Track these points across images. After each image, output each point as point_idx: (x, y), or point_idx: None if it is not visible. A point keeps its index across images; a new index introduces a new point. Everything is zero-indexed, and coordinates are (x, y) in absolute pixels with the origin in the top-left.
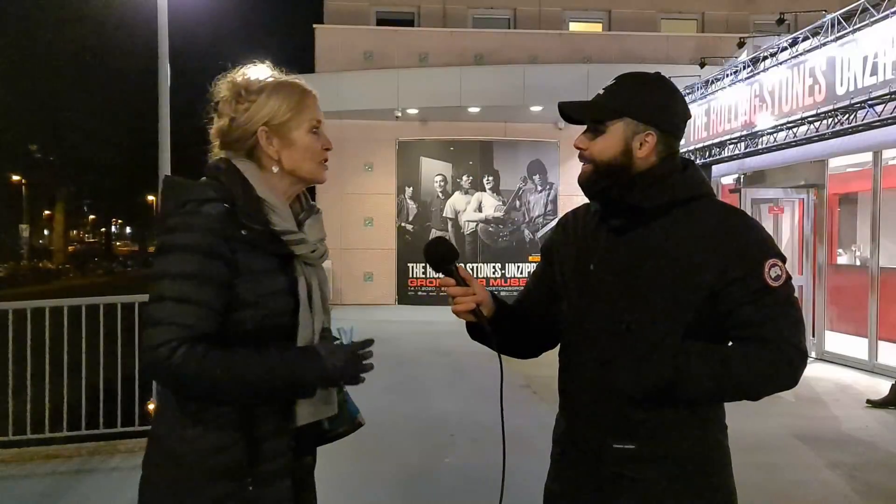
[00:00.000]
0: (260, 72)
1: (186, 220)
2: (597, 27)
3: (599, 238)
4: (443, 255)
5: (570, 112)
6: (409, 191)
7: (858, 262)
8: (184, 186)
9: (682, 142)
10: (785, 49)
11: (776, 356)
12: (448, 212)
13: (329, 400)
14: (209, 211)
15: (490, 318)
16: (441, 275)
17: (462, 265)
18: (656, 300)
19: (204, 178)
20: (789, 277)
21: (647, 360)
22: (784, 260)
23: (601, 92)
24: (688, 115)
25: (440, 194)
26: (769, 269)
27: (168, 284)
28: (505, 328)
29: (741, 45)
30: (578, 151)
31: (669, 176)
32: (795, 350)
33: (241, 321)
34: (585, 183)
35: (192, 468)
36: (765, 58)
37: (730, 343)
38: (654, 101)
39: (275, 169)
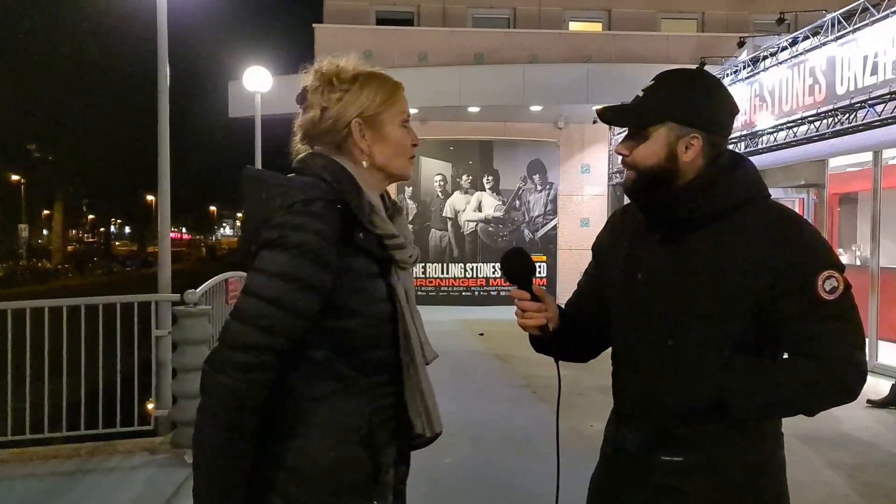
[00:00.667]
0: (349, 61)
1: (296, 219)
2: (597, 27)
3: (646, 246)
4: (523, 269)
5: (609, 119)
6: (408, 190)
7: (858, 262)
8: (286, 183)
9: None
10: (785, 49)
11: (828, 375)
12: (448, 211)
13: (437, 413)
14: (321, 212)
15: (555, 331)
16: (514, 286)
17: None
18: (702, 317)
19: (301, 174)
20: (848, 287)
21: (692, 381)
22: (842, 269)
23: (640, 93)
24: (735, 110)
25: (440, 194)
26: (823, 282)
27: (264, 282)
28: (565, 337)
29: (741, 44)
30: (621, 157)
31: (717, 181)
32: (849, 367)
33: (345, 329)
34: (630, 191)
35: (319, 486)
36: (765, 57)
37: (785, 355)
38: (697, 102)
39: (365, 164)
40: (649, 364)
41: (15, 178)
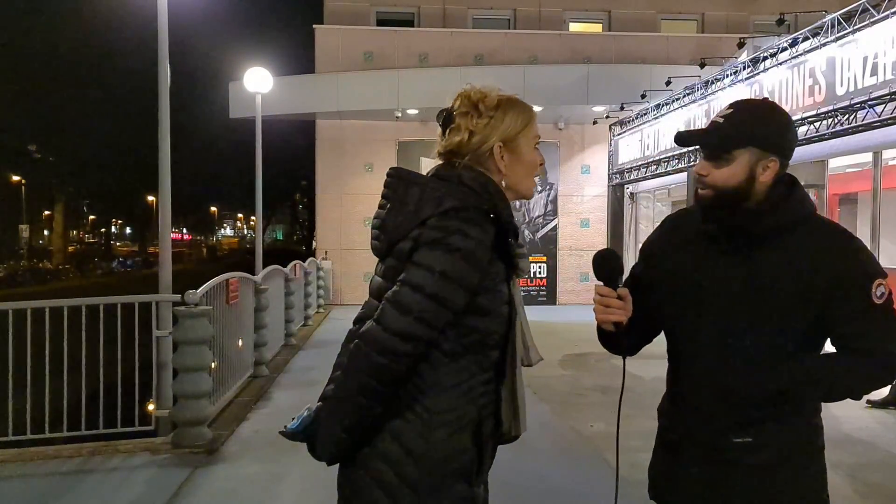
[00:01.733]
0: (490, 87)
1: (465, 226)
2: (597, 28)
3: (709, 255)
4: (612, 268)
5: (693, 142)
6: None
7: None
8: (441, 188)
9: None
10: (785, 49)
11: (879, 365)
12: None
13: (524, 412)
14: (477, 219)
15: (627, 329)
16: (601, 283)
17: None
18: (771, 319)
19: (449, 181)
20: (891, 293)
21: (763, 373)
22: (886, 276)
23: (719, 120)
24: (797, 140)
25: None
26: (876, 289)
27: (428, 279)
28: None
29: (741, 45)
30: (698, 177)
31: (786, 200)
32: (893, 357)
33: (477, 327)
34: (707, 207)
35: (434, 468)
36: (765, 58)
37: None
38: (776, 130)
39: (503, 183)
40: (724, 360)
41: (16, 178)
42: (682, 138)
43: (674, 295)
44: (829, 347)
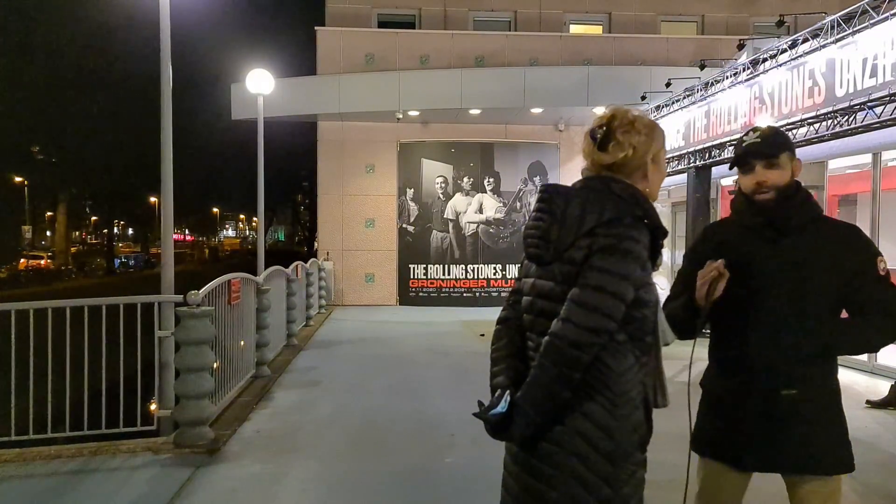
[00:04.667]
0: (624, 108)
1: (635, 233)
2: (597, 29)
3: (754, 245)
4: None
5: (752, 156)
6: (410, 192)
7: None
8: (602, 200)
9: (682, 143)
10: (784, 51)
11: (890, 322)
12: (449, 213)
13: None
14: (641, 226)
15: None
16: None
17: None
18: (814, 293)
19: (599, 193)
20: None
21: (809, 335)
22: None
23: (757, 140)
24: None
25: (441, 196)
26: (879, 263)
27: (609, 280)
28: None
29: (741, 46)
30: (758, 185)
31: (808, 199)
32: None
33: (640, 317)
34: (769, 206)
35: (622, 440)
36: (764, 60)
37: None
38: (789, 138)
39: (646, 191)
40: (776, 326)
41: (18, 179)
42: (746, 153)
43: (730, 280)
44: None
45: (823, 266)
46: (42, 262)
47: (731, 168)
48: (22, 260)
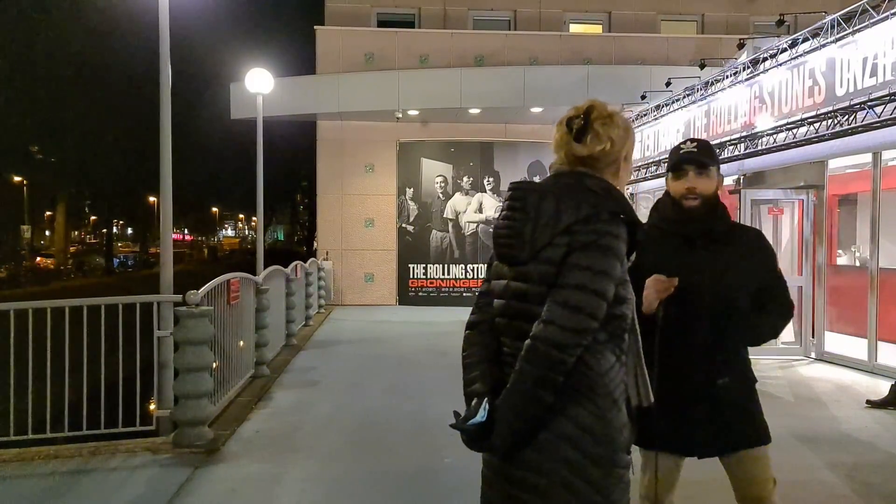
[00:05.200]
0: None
1: (614, 229)
2: (597, 29)
3: (682, 253)
4: None
5: (695, 161)
6: (409, 192)
7: (858, 263)
8: (576, 197)
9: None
10: (785, 50)
11: (788, 312)
12: (448, 213)
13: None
14: (618, 221)
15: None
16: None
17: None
18: (739, 290)
19: (572, 189)
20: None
21: (739, 329)
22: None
23: (693, 149)
24: None
25: (441, 195)
26: (777, 265)
27: (592, 278)
28: None
29: (741, 46)
30: (688, 190)
31: (725, 210)
32: (792, 306)
33: (622, 316)
34: (694, 213)
35: (610, 443)
36: (764, 59)
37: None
38: (717, 156)
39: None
40: (710, 326)
41: (17, 179)
42: (688, 159)
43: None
44: None
45: (743, 269)
46: (51, 260)
47: (667, 171)
48: (38, 258)
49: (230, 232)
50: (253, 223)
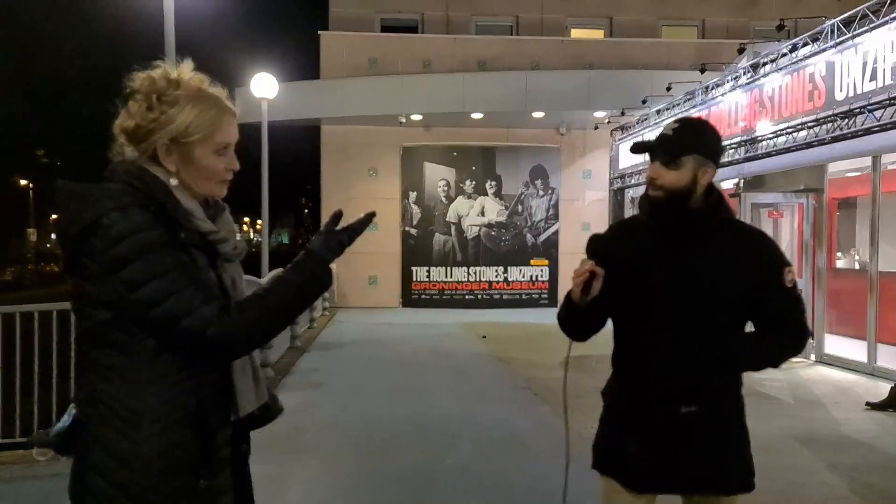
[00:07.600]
0: (183, 73)
1: (126, 224)
2: (598, 34)
3: (658, 249)
4: (595, 250)
5: (647, 150)
6: (412, 195)
7: (857, 266)
8: (97, 194)
9: None
10: (785, 55)
11: (794, 340)
12: (451, 216)
13: (262, 389)
14: (139, 213)
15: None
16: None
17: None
18: (718, 298)
19: (112, 182)
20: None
21: (713, 349)
22: (791, 265)
23: (669, 133)
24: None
25: (443, 199)
26: (787, 275)
27: (158, 285)
28: (585, 315)
29: (741, 50)
30: (650, 180)
31: (718, 205)
32: (805, 333)
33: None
34: (657, 206)
35: (145, 468)
36: (765, 63)
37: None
38: (713, 142)
39: (173, 181)
40: (674, 337)
41: (23, 182)
42: (639, 147)
43: (626, 283)
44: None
45: (728, 275)
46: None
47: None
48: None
49: None
50: (258, 226)
